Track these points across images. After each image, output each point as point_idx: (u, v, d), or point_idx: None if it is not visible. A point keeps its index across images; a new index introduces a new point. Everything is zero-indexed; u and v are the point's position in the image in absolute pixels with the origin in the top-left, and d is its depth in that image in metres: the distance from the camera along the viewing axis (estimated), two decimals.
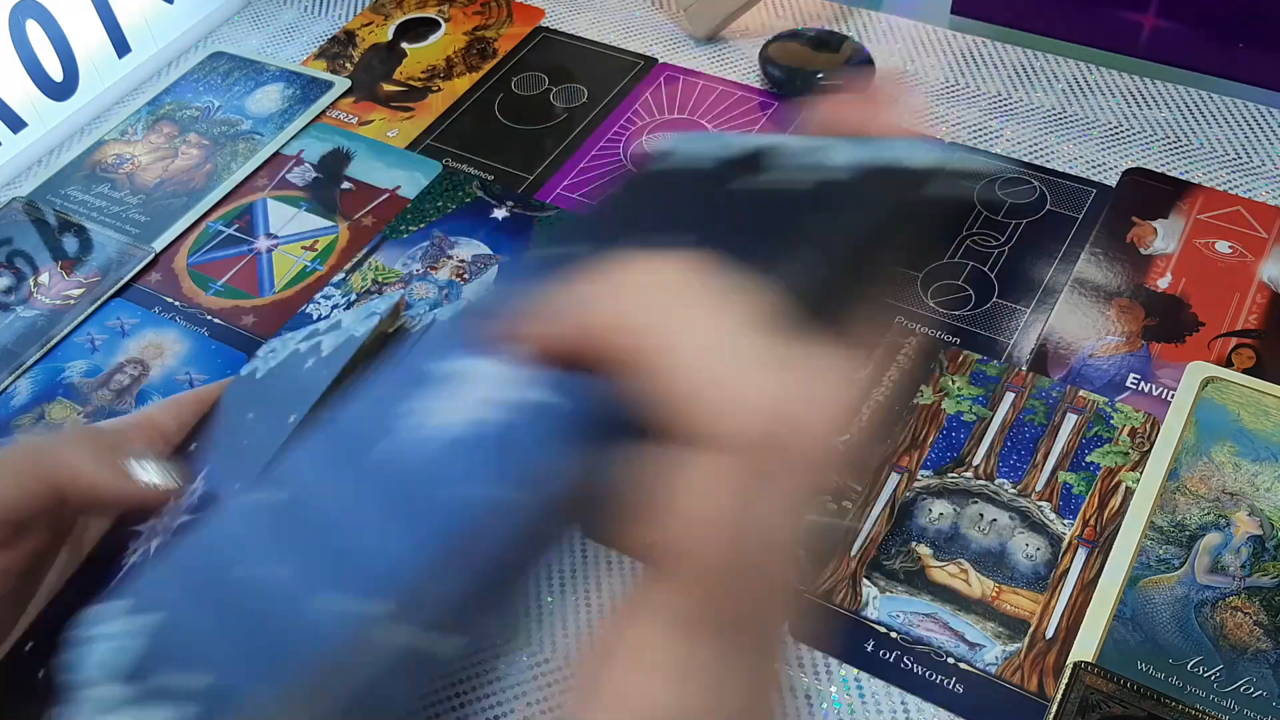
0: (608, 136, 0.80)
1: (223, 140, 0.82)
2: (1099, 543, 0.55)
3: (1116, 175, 0.73)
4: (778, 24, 0.87)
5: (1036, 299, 0.66)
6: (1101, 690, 0.49)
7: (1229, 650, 0.51)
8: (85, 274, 0.73)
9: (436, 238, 0.73)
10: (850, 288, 0.38)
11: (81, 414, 0.65)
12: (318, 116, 0.83)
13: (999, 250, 0.69)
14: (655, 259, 0.33)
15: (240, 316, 0.70)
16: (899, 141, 0.41)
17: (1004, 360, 0.63)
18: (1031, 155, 0.74)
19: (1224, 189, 0.71)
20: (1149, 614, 0.52)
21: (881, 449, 0.59)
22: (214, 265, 0.73)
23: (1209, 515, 0.55)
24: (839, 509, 0.57)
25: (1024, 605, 0.53)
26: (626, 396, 0.31)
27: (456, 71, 0.86)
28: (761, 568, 0.31)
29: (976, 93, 0.79)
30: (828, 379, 0.31)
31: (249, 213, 0.77)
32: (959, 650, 0.52)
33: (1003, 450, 0.59)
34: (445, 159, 0.79)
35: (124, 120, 0.84)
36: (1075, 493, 0.57)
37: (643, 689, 0.30)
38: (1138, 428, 0.59)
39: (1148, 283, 0.66)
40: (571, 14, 0.90)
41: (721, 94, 0.82)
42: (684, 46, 0.86)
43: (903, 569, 0.55)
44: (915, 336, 0.65)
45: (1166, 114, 0.76)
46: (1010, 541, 0.56)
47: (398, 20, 0.91)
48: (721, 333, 0.31)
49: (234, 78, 0.87)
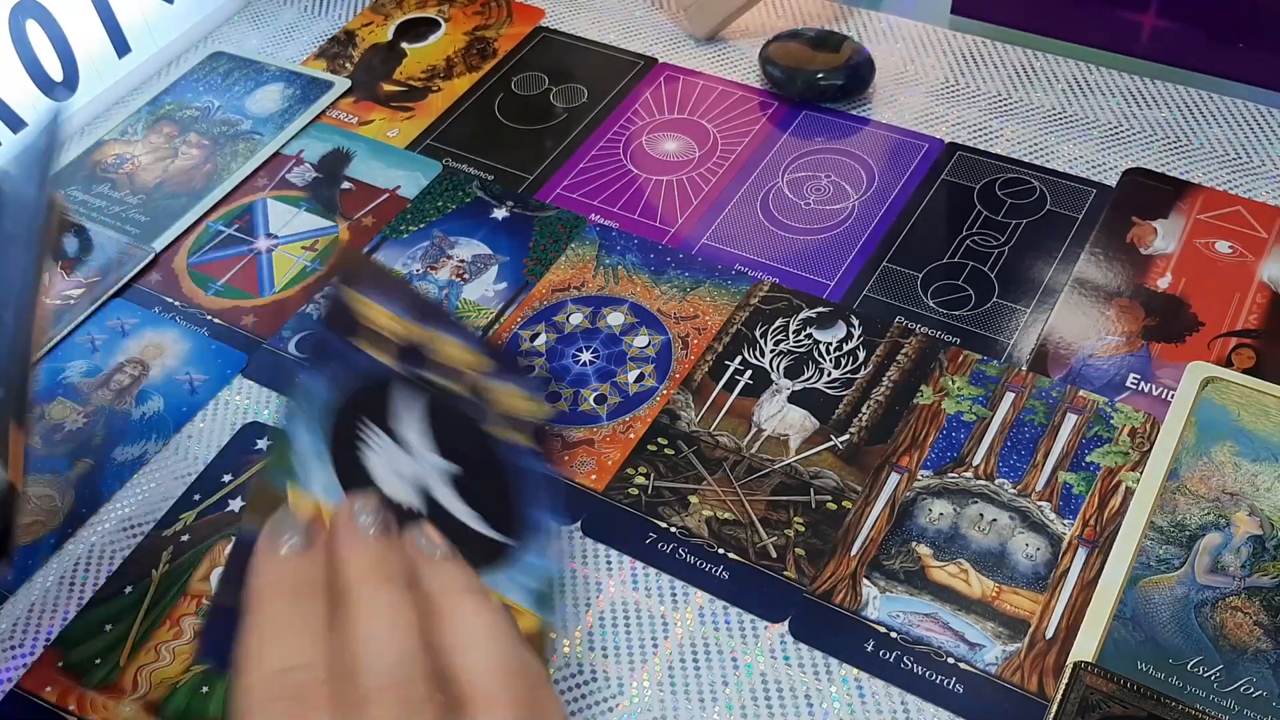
0: (608, 136, 0.80)
1: (223, 140, 0.82)
2: (1099, 543, 0.55)
3: (1116, 175, 0.73)
4: (778, 24, 0.87)
5: (1036, 299, 0.67)
6: (1101, 690, 0.49)
7: (1229, 650, 0.51)
8: (85, 274, 0.73)
9: (436, 238, 0.74)
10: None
11: (81, 414, 0.65)
12: (318, 116, 0.83)
13: (999, 250, 0.69)
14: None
15: (240, 316, 0.70)
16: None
17: (1004, 360, 0.63)
18: (1031, 155, 0.75)
19: (1224, 189, 0.71)
20: (1149, 614, 0.52)
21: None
22: (214, 265, 0.73)
23: (1209, 515, 0.55)
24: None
25: (1024, 605, 0.54)
26: None
27: (456, 71, 0.86)
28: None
29: (976, 93, 0.79)
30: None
31: (249, 213, 0.77)
32: (959, 650, 0.52)
33: (1003, 450, 0.59)
34: (445, 159, 0.79)
35: (124, 120, 0.84)
36: (1075, 493, 0.57)
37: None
38: (1138, 428, 0.59)
39: (1148, 283, 0.67)
40: (571, 14, 0.90)
41: (721, 94, 0.82)
42: (684, 46, 0.86)
43: (903, 569, 0.55)
44: (915, 336, 0.65)
45: (1166, 114, 0.76)
46: (1010, 541, 0.56)
47: (398, 20, 0.91)
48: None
49: (234, 78, 0.87)
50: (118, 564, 0.59)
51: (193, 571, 0.58)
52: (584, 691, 0.52)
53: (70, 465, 0.63)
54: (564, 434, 0.62)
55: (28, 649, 0.56)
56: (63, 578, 0.59)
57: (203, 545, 0.59)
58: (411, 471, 0.45)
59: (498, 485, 0.46)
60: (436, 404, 0.46)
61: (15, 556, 0.39)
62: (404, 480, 0.44)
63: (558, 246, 0.72)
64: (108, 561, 0.59)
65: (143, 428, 0.65)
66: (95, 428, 0.65)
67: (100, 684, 0.54)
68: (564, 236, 0.73)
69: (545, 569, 0.45)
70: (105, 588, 0.58)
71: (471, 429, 0.46)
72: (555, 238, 0.73)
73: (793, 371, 0.64)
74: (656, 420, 0.62)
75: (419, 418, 0.46)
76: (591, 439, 0.62)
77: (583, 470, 0.60)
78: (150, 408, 0.66)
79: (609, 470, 0.60)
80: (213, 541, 0.59)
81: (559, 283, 0.70)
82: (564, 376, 0.65)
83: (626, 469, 0.60)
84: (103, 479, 0.62)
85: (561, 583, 0.54)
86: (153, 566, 0.58)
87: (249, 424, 0.64)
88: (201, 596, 0.57)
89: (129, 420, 0.65)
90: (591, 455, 0.61)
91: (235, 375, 0.67)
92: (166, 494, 0.61)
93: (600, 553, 0.57)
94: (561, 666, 0.53)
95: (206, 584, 0.57)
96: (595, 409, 0.63)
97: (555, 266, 0.71)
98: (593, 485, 0.60)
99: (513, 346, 0.64)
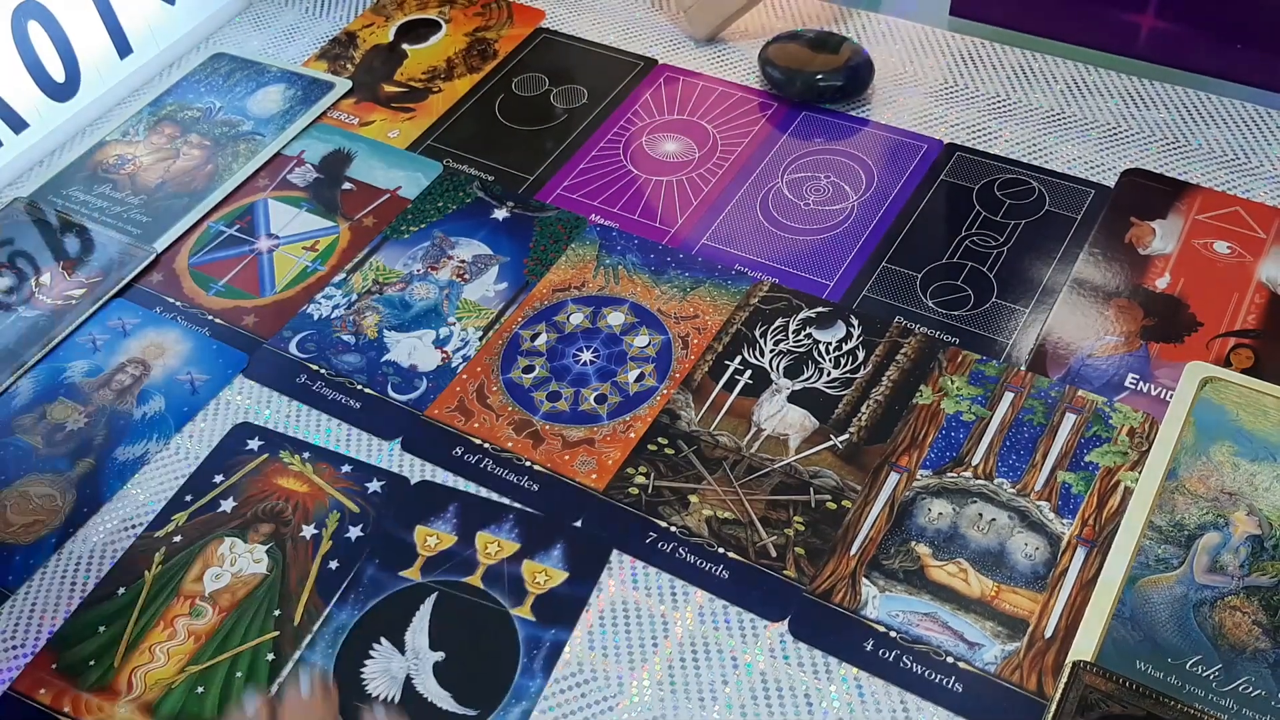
0: (608, 137, 0.80)
1: (224, 141, 0.82)
2: (1098, 542, 0.55)
3: (1115, 176, 0.73)
4: (777, 25, 0.87)
5: (1035, 299, 0.67)
6: (1100, 689, 0.49)
7: (1227, 649, 0.51)
8: (87, 274, 0.73)
9: (437, 238, 0.74)
10: None
11: (83, 414, 0.66)
12: (319, 117, 0.83)
13: (998, 250, 0.70)
14: None
15: (241, 316, 0.70)
16: None
17: (1003, 360, 0.64)
18: (1030, 155, 0.75)
19: (1222, 189, 0.71)
20: (1148, 613, 0.52)
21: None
22: (215, 265, 0.74)
23: (1208, 515, 0.55)
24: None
25: (1023, 604, 0.54)
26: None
27: (457, 72, 0.86)
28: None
29: (976, 93, 0.80)
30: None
31: (250, 213, 0.77)
32: (958, 649, 0.52)
33: (1002, 450, 0.59)
34: (446, 159, 0.79)
35: (125, 121, 0.84)
36: (1074, 492, 0.57)
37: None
38: (1136, 427, 0.59)
39: (1146, 283, 0.67)
40: (572, 15, 0.90)
41: (721, 95, 0.82)
42: (684, 47, 0.86)
43: (902, 568, 0.55)
44: (914, 336, 0.65)
45: (1165, 114, 0.76)
46: (1009, 541, 0.56)
47: (399, 21, 0.92)
48: None
49: (235, 79, 0.87)
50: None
51: (185, 572, 0.58)
52: (584, 691, 0.53)
53: (71, 465, 0.63)
54: (564, 434, 0.62)
55: (28, 649, 0.56)
56: (64, 577, 0.59)
57: (194, 546, 0.59)
58: (400, 667, 0.54)
59: (480, 661, 0.54)
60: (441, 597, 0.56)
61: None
62: (389, 676, 0.54)
63: (558, 247, 0.72)
64: (109, 561, 0.59)
65: (144, 427, 0.65)
66: (96, 427, 0.65)
67: (95, 686, 0.54)
68: (564, 237, 0.73)
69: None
70: (98, 589, 0.58)
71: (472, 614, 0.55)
72: (555, 238, 0.73)
73: (792, 371, 0.64)
74: (657, 420, 0.62)
75: (424, 615, 0.55)
76: (592, 439, 0.62)
77: (583, 470, 0.60)
78: (151, 407, 0.66)
79: (609, 470, 0.60)
80: (205, 542, 0.59)
81: (559, 283, 0.70)
82: (564, 376, 0.65)
83: (627, 468, 0.60)
84: (104, 478, 0.63)
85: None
86: (145, 568, 0.58)
87: (239, 424, 0.64)
88: (195, 597, 0.57)
89: (130, 420, 0.65)
90: (592, 455, 0.61)
91: (236, 375, 0.67)
92: (167, 493, 0.62)
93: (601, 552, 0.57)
94: (562, 666, 0.54)
95: (199, 584, 0.58)
96: (595, 409, 0.63)
97: (556, 266, 0.71)
98: (593, 485, 0.60)
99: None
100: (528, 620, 0.55)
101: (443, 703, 0.53)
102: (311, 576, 0.57)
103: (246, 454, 0.63)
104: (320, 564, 0.58)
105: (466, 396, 0.65)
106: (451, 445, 0.62)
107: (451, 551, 0.58)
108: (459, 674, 0.54)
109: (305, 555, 0.58)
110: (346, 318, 0.70)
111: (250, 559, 0.58)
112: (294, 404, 0.65)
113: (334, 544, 0.59)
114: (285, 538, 0.59)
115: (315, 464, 0.62)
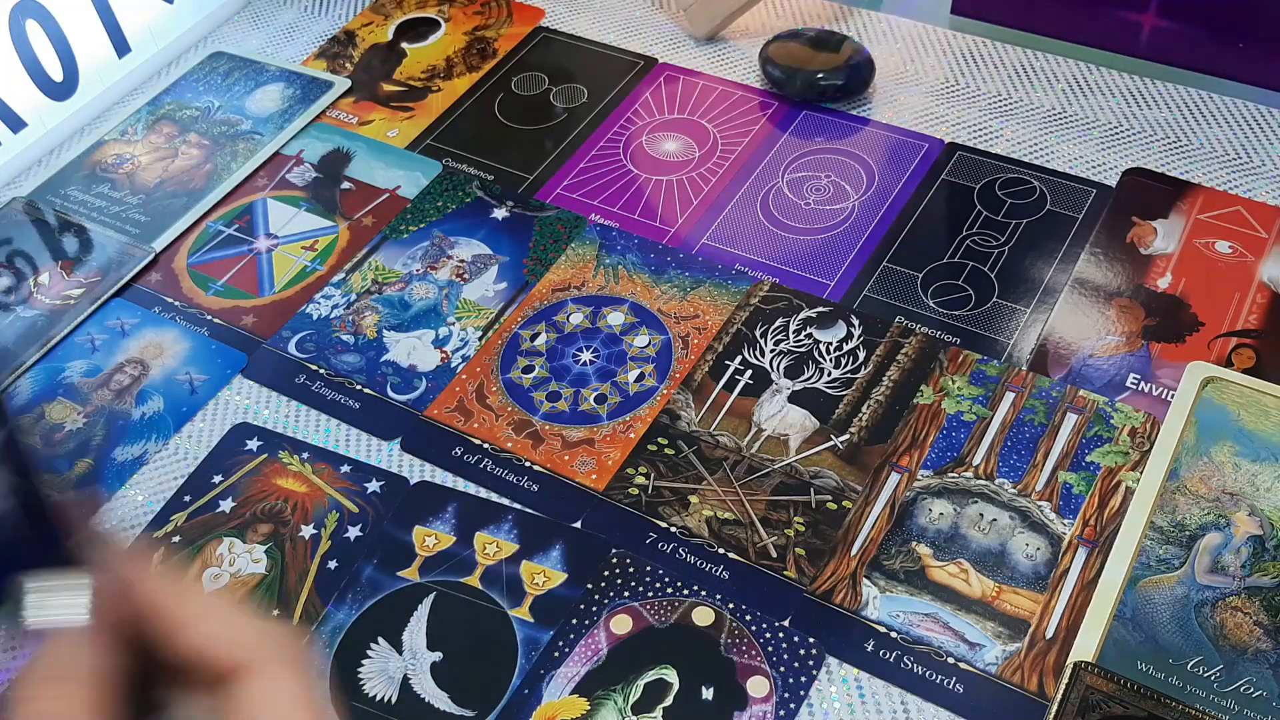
0: (608, 136, 0.80)
1: (223, 140, 0.82)
2: (1099, 542, 0.55)
3: (1116, 175, 0.73)
4: (777, 24, 0.87)
5: (1036, 299, 0.67)
6: (1101, 690, 0.49)
7: (1229, 650, 0.51)
8: (85, 274, 0.73)
9: (436, 238, 0.73)
10: None
11: (81, 414, 0.65)
12: (318, 116, 0.83)
13: (999, 250, 0.69)
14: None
15: (240, 316, 0.70)
16: None
17: (1004, 360, 0.63)
18: (1031, 155, 0.74)
19: (1224, 189, 0.71)
20: (1149, 614, 0.52)
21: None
22: (214, 265, 0.73)
23: (1209, 515, 0.55)
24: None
25: (1024, 605, 0.54)
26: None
27: (456, 71, 0.86)
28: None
29: (976, 93, 0.79)
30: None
31: (249, 213, 0.77)
32: (959, 650, 0.52)
33: (1003, 450, 0.59)
34: (445, 159, 0.79)
35: (124, 120, 0.84)
36: (1075, 492, 0.57)
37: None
38: (1138, 427, 0.59)
39: (1147, 283, 0.66)
40: (571, 14, 0.90)
41: (721, 94, 0.82)
42: (684, 46, 0.86)
43: (903, 569, 0.55)
44: (915, 336, 0.65)
45: (1166, 114, 0.76)
46: (1010, 541, 0.56)
47: (398, 20, 0.91)
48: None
49: (234, 78, 0.87)
50: None
51: (184, 573, 0.58)
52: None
53: (70, 465, 0.63)
54: (564, 434, 0.62)
55: (28, 649, 0.56)
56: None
57: (193, 546, 0.59)
58: (397, 667, 0.54)
59: (477, 662, 0.54)
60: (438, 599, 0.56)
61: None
62: (386, 676, 0.53)
63: (558, 246, 0.72)
64: None
65: (142, 428, 0.65)
66: (95, 427, 0.65)
67: None
68: (564, 236, 0.73)
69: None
70: None
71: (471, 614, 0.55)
72: (555, 238, 0.73)
73: (793, 371, 0.64)
74: (657, 420, 0.62)
75: (422, 615, 0.55)
76: (592, 439, 0.62)
77: (583, 470, 0.60)
78: (150, 408, 0.66)
79: (609, 470, 0.60)
80: (203, 543, 0.59)
81: (559, 282, 0.70)
82: (564, 376, 0.65)
83: (627, 469, 0.60)
84: (103, 479, 0.62)
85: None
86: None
87: (238, 424, 0.64)
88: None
89: (129, 420, 0.65)
90: (592, 455, 0.61)
91: (235, 375, 0.67)
92: (166, 494, 0.61)
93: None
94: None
95: (198, 584, 0.57)
96: (595, 409, 0.63)
97: (555, 266, 0.71)
98: (593, 485, 0.60)
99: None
100: (526, 621, 0.55)
101: (440, 703, 0.52)
102: (310, 576, 0.57)
103: (245, 454, 0.63)
104: (319, 564, 0.58)
105: (466, 397, 0.64)
106: (451, 445, 0.62)
107: (450, 552, 0.58)
108: (456, 674, 0.53)
109: (304, 555, 0.58)
110: (346, 317, 0.69)
111: (249, 559, 0.58)
112: (293, 404, 0.65)
113: (333, 544, 0.58)
114: (284, 538, 0.59)
115: (314, 464, 0.62)
